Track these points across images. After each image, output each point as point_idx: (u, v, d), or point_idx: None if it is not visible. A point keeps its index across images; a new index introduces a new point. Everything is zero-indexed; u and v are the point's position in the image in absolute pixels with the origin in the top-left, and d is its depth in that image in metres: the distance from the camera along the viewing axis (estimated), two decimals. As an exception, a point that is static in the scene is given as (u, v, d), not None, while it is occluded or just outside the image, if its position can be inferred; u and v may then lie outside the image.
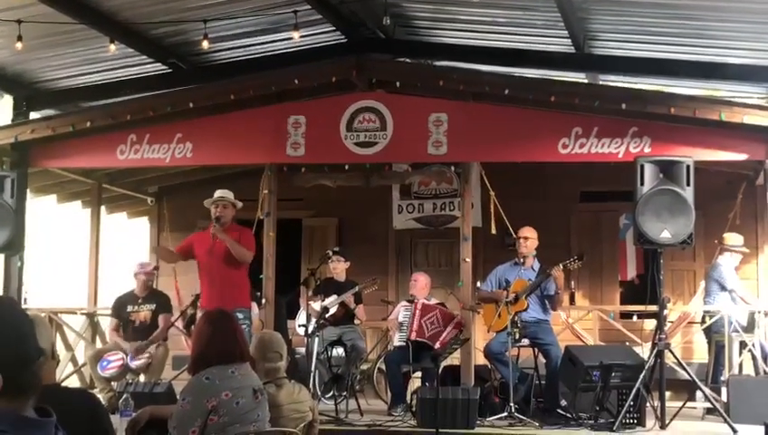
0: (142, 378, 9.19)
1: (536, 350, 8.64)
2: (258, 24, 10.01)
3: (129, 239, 14.11)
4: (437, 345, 8.79)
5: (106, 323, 10.52)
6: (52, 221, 14.04)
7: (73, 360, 10.80)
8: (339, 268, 9.71)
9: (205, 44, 9.31)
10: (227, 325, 4.69)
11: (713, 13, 8.73)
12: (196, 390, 4.41)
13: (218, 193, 8.53)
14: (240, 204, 8.55)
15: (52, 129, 9.94)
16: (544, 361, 8.55)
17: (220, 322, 4.74)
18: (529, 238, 8.77)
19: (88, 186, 11.53)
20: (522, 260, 8.80)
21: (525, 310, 8.52)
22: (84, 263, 11.23)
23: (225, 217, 8.35)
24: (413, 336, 8.88)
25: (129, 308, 9.63)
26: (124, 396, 5.42)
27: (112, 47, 9.43)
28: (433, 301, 9.48)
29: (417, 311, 9.02)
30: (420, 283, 9.51)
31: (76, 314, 11.02)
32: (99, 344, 10.58)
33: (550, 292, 8.66)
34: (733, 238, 9.55)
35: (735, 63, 9.76)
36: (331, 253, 9.65)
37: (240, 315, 7.94)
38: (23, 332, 1.91)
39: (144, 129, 9.78)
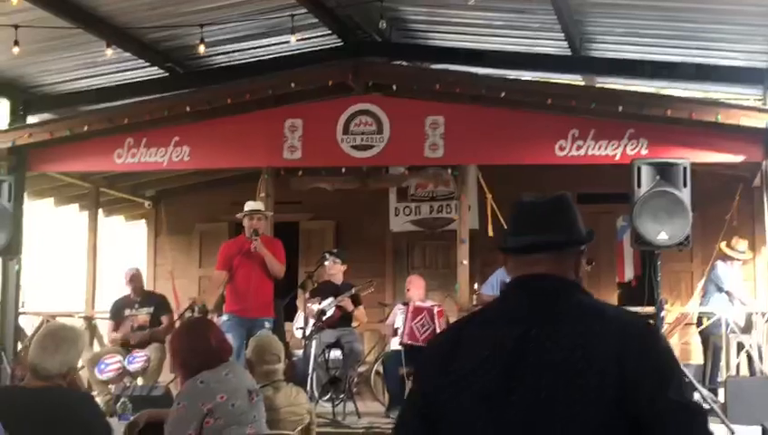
0: (140, 381, 9.18)
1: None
2: (255, 27, 10.03)
3: (127, 243, 14.11)
4: None
5: (103, 327, 10.52)
6: (50, 225, 14.03)
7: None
8: (335, 270, 9.72)
9: (201, 49, 9.32)
10: (207, 330, 4.71)
11: (708, 15, 8.75)
12: (191, 393, 4.42)
13: (251, 205, 8.67)
14: (271, 213, 8.76)
15: (50, 133, 9.94)
16: None
17: (201, 327, 4.77)
18: None
19: (85, 189, 11.53)
20: None
21: None
22: (82, 266, 11.23)
23: (263, 228, 8.67)
24: (405, 340, 8.95)
25: (127, 312, 9.64)
26: (122, 400, 5.44)
27: (109, 51, 9.44)
28: (429, 303, 9.49)
29: (409, 314, 9.06)
30: (415, 285, 9.52)
31: (74, 317, 11.00)
32: (96, 348, 10.57)
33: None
34: (738, 244, 9.66)
35: (731, 65, 9.78)
36: (327, 254, 9.66)
37: (267, 324, 8.29)
38: None
39: (141, 133, 9.78)
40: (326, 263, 9.62)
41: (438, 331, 8.89)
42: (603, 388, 2.00)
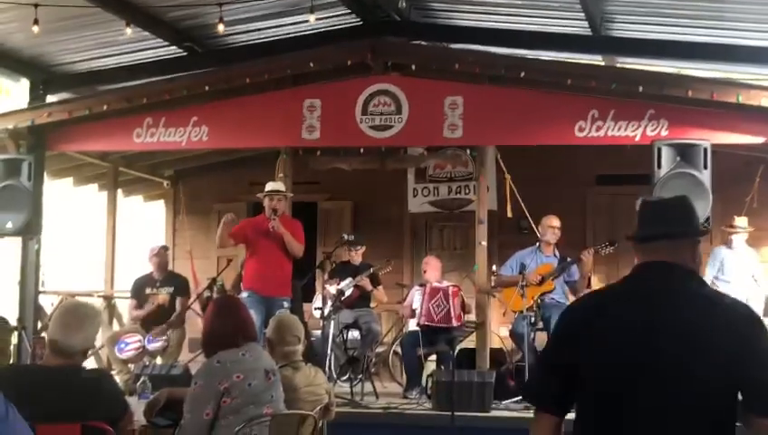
0: (159, 360, 9.24)
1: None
2: (274, 6, 10.01)
3: (146, 222, 14.16)
4: (454, 322, 8.84)
5: (123, 306, 10.58)
6: (69, 204, 14.09)
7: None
8: (352, 254, 9.78)
9: (220, 28, 9.30)
10: (233, 310, 4.73)
11: (730, -6, 8.68)
12: (208, 373, 4.46)
13: (271, 186, 8.75)
14: (291, 194, 8.79)
15: (69, 112, 9.95)
16: None
17: (226, 306, 4.80)
18: (557, 228, 8.93)
19: (104, 169, 11.57)
20: (549, 244, 8.89)
21: (552, 290, 8.60)
22: (101, 246, 11.28)
23: (282, 209, 8.74)
24: (422, 321, 8.98)
25: (148, 290, 9.70)
26: (142, 379, 5.48)
27: (128, 30, 9.44)
28: (445, 283, 9.49)
29: (426, 295, 9.08)
30: (432, 266, 9.53)
31: (93, 296, 11.06)
32: (116, 327, 10.65)
33: (573, 277, 8.72)
34: (737, 221, 9.62)
35: (753, 45, 9.68)
36: (346, 237, 9.67)
37: (285, 304, 8.37)
38: None
39: (160, 112, 9.78)
40: (343, 248, 9.66)
41: (454, 311, 8.90)
42: (715, 354, 2.58)
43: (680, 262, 2.74)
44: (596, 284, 11.12)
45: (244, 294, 8.58)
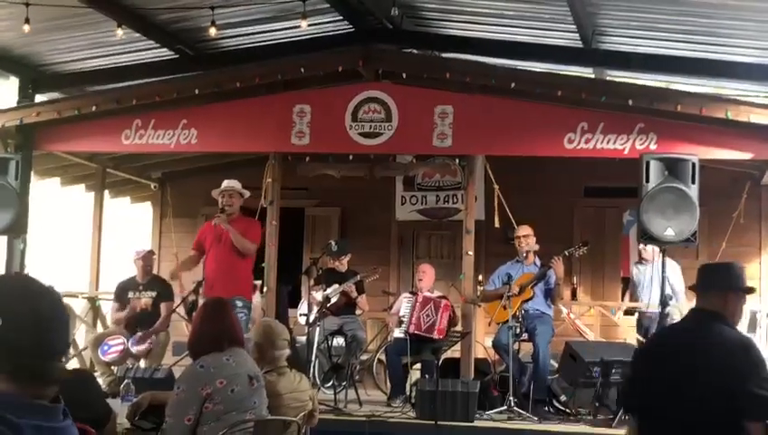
0: (143, 363, 9.20)
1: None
2: (266, 11, 10.00)
3: (132, 224, 14.11)
4: (436, 334, 8.84)
5: (107, 308, 10.53)
6: (56, 204, 14.03)
7: (74, 344, 10.80)
8: (340, 264, 9.76)
9: (212, 31, 9.30)
10: (219, 313, 4.71)
11: (721, 11, 8.71)
12: (191, 378, 4.43)
13: (225, 183, 8.63)
14: (247, 193, 8.64)
15: (58, 112, 9.92)
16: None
17: (212, 309, 4.78)
18: (527, 236, 8.89)
19: (92, 170, 11.52)
20: (524, 255, 8.86)
21: (531, 298, 8.59)
22: (87, 247, 11.23)
23: (231, 207, 8.48)
24: (411, 329, 8.94)
25: (131, 294, 9.64)
26: (126, 381, 5.45)
27: (119, 32, 9.42)
28: (436, 293, 9.49)
29: (418, 304, 9.06)
30: (429, 275, 9.53)
31: (77, 297, 11.01)
32: (100, 328, 10.59)
33: (550, 284, 8.74)
34: None
35: (743, 62, 9.73)
36: (332, 246, 9.62)
37: (239, 304, 8.05)
38: (42, 321, 1.89)
39: (149, 114, 9.76)
40: (330, 259, 9.63)
41: (439, 324, 8.90)
42: (723, 377, 3.57)
43: (708, 307, 3.82)
44: (581, 296, 11.17)
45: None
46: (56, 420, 1.89)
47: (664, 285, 7.99)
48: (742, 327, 9.57)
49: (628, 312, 10.40)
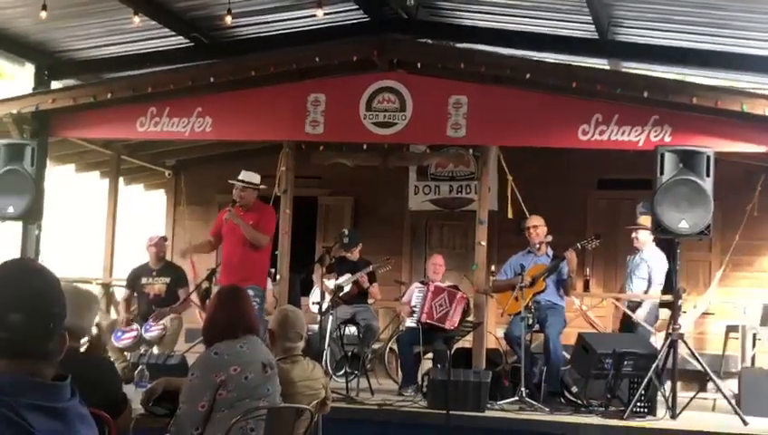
0: (156, 350, 9.24)
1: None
2: (282, 0, 10.00)
3: (146, 211, 14.16)
4: (447, 325, 8.85)
5: (121, 294, 10.58)
6: (71, 190, 14.09)
7: (100, 329, 10.86)
8: (352, 253, 9.77)
9: (228, 19, 9.30)
10: (234, 301, 4.73)
11: (738, 3, 8.67)
12: (205, 365, 4.45)
13: (240, 175, 8.60)
14: (262, 186, 8.62)
15: (73, 99, 9.96)
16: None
17: (227, 297, 4.80)
18: (538, 226, 8.89)
19: (107, 156, 11.56)
20: (537, 246, 8.86)
21: (543, 291, 8.59)
22: (101, 233, 11.28)
23: (242, 200, 8.51)
24: (424, 318, 8.95)
25: (144, 280, 9.69)
26: (140, 367, 5.48)
27: (136, 19, 9.44)
28: (446, 283, 9.50)
29: (430, 293, 9.07)
30: (440, 266, 9.54)
31: (91, 283, 11.06)
32: (113, 315, 10.64)
33: (563, 275, 8.74)
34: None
35: (759, 54, 9.69)
36: (345, 234, 9.64)
37: (251, 292, 8.00)
38: (34, 298, 1.89)
39: (164, 102, 9.78)
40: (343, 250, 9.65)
41: (453, 316, 8.92)
42: None
43: None
44: (594, 288, 11.18)
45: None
46: (59, 400, 1.86)
47: (674, 278, 7.99)
48: (754, 320, 9.63)
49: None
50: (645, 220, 9.34)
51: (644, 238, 9.27)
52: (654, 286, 9.26)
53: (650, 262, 9.29)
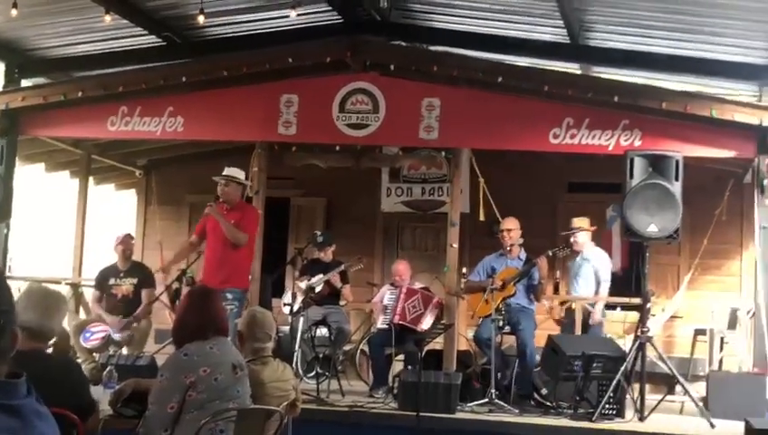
0: (125, 350, 9.19)
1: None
2: (255, 0, 9.98)
3: (116, 212, 14.07)
4: (420, 328, 8.86)
5: (90, 294, 10.50)
6: (40, 190, 13.98)
7: (64, 333, 10.78)
8: (325, 255, 9.76)
9: (200, 19, 9.27)
10: (204, 302, 4.71)
11: (708, 9, 8.75)
12: (174, 366, 4.43)
13: (224, 171, 8.53)
14: (248, 182, 8.54)
15: (44, 97, 9.89)
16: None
17: (197, 298, 4.78)
18: (512, 230, 8.92)
19: (77, 156, 11.48)
20: (508, 249, 8.89)
21: (513, 295, 8.62)
22: (70, 233, 11.20)
23: (225, 195, 8.43)
24: (396, 319, 8.96)
25: (112, 281, 9.60)
26: (108, 368, 5.44)
27: (107, 18, 9.38)
28: (417, 285, 9.52)
29: (402, 294, 9.08)
30: (405, 273, 9.51)
31: (60, 283, 10.96)
32: (82, 315, 10.57)
33: (534, 281, 8.77)
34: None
35: (728, 60, 9.78)
36: (317, 236, 9.63)
37: (229, 295, 7.98)
38: None
39: (136, 101, 9.74)
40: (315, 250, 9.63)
41: (425, 319, 8.94)
42: None
43: None
44: (564, 290, 11.23)
45: None
46: (14, 397, 1.82)
47: (643, 281, 8.05)
48: (722, 324, 9.73)
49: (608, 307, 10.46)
50: (579, 222, 9.46)
51: (582, 240, 9.40)
52: (603, 285, 9.40)
53: (594, 261, 9.40)
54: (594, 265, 9.44)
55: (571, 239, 9.44)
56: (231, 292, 8.11)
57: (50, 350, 4.22)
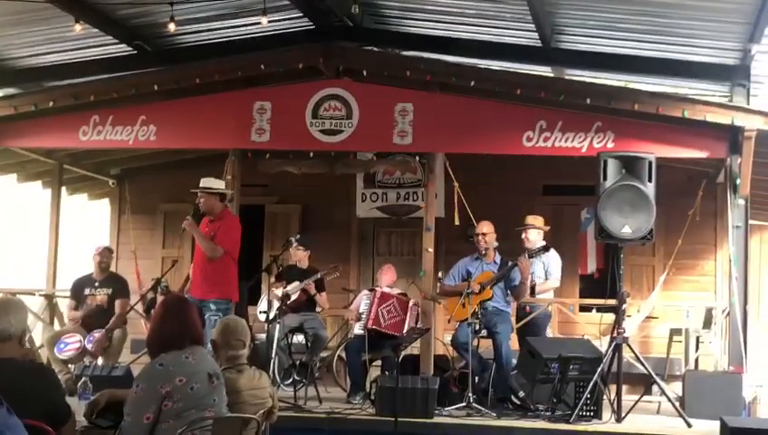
0: (100, 361, 9.13)
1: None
2: (226, 7, 9.96)
3: (90, 221, 13.99)
4: (400, 333, 8.86)
5: (64, 305, 10.43)
6: (12, 201, 13.88)
7: (31, 341, 10.68)
8: (299, 256, 9.70)
9: (171, 27, 9.22)
10: (179, 311, 4.67)
11: (679, 11, 8.80)
12: (150, 376, 4.40)
13: (201, 182, 8.43)
14: (221, 189, 8.42)
15: (14, 108, 9.83)
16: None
17: (172, 307, 4.74)
18: (487, 234, 8.92)
19: (49, 166, 11.40)
20: (483, 252, 8.90)
21: (490, 299, 8.63)
22: (44, 244, 11.12)
23: (204, 207, 8.33)
24: (370, 324, 8.97)
25: (87, 291, 9.55)
26: (83, 379, 5.40)
27: (78, 27, 9.32)
28: (395, 291, 9.51)
29: (376, 299, 9.08)
30: (389, 274, 9.55)
31: (34, 295, 10.90)
32: (57, 326, 10.50)
33: (514, 282, 8.77)
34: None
35: (700, 61, 9.85)
36: (293, 240, 9.61)
37: (213, 306, 7.92)
38: None
39: (107, 110, 9.70)
40: (290, 249, 9.57)
41: (407, 322, 8.94)
42: None
43: None
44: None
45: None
46: None
47: (618, 282, 8.08)
48: (697, 324, 9.78)
49: (584, 308, 10.52)
50: (532, 220, 9.50)
51: (534, 238, 9.44)
52: (552, 280, 9.45)
53: (544, 258, 9.43)
54: (545, 262, 9.49)
55: (522, 236, 9.46)
56: (215, 303, 8.05)
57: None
